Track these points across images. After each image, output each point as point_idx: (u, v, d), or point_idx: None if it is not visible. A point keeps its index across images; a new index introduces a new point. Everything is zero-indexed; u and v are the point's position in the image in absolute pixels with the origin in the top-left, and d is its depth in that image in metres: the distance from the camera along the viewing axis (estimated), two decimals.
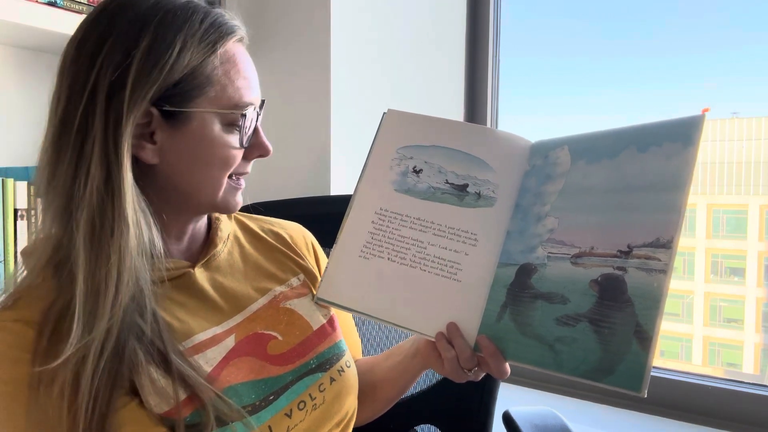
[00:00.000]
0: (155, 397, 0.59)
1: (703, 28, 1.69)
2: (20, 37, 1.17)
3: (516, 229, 0.71)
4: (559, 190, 0.69)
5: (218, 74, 0.66)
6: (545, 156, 0.73)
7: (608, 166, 0.66)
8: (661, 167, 0.61)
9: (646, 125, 0.66)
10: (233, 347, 0.68)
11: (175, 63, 0.62)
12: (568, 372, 0.61)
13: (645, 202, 0.61)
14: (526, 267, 0.68)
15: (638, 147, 0.64)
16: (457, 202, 0.75)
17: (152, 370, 0.60)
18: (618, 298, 0.60)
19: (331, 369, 0.74)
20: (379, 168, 0.78)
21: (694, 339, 2.17)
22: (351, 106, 1.43)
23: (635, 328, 0.57)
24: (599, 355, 0.59)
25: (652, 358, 0.56)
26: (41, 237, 0.64)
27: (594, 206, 0.66)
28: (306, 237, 0.87)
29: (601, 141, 0.69)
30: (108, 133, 0.60)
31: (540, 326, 0.64)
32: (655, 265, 0.58)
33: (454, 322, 0.70)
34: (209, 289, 0.71)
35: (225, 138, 0.67)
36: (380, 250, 0.74)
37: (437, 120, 0.80)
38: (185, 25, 0.63)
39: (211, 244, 0.75)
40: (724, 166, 1.93)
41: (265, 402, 0.67)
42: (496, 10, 1.71)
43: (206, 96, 0.65)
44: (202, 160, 0.67)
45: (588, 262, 0.63)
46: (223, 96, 0.66)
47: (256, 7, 1.49)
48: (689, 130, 0.61)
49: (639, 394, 0.56)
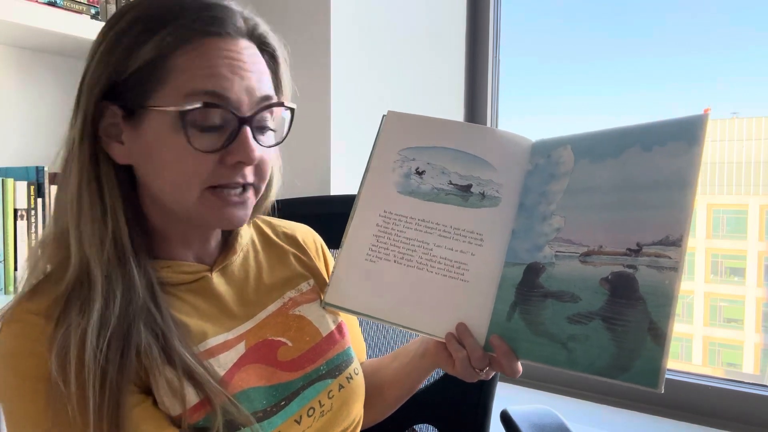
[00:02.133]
0: (169, 398, 0.59)
1: (704, 28, 1.69)
2: (20, 37, 1.17)
3: (521, 228, 0.71)
4: (563, 189, 0.69)
5: (179, 65, 0.60)
6: (548, 155, 0.73)
7: (613, 165, 0.66)
8: (667, 166, 0.62)
9: (648, 124, 0.66)
10: (244, 353, 0.67)
11: (130, 56, 0.60)
12: (583, 369, 0.61)
13: (652, 200, 0.62)
14: (534, 266, 0.68)
15: (642, 146, 0.65)
16: (462, 202, 0.75)
17: (168, 370, 0.59)
18: (630, 296, 0.60)
19: (340, 376, 0.74)
20: (382, 170, 0.78)
21: (694, 339, 2.17)
22: (351, 106, 1.43)
23: (649, 325, 0.58)
24: (614, 351, 0.60)
25: (668, 354, 0.57)
26: (53, 231, 0.64)
27: (601, 205, 0.66)
28: (316, 240, 0.87)
29: (603, 140, 0.69)
30: (82, 132, 0.62)
31: (552, 324, 0.64)
32: (666, 263, 0.59)
33: (464, 323, 0.70)
34: (224, 294, 0.71)
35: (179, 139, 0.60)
36: (386, 252, 0.74)
37: (438, 121, 0.79)
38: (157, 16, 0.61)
39: (231, 250, 0.74)
40: (724, 166, 1.93)
41: (276, 408, 0.66)
42: (496, 10, 1.71)
43: (163, 91, 0.60)
44: (160, 164, 0.62)
45: (597, 260, 0.64)
46: (183, 88, 0.59)
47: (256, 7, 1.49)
48: (693, 129, 0.61)
49: (656, 390, 0.56)
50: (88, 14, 1.19)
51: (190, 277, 0.69)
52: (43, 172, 1.14)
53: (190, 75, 0.60)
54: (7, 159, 1.24)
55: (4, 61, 1.24)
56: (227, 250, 0.74)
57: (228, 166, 0.62)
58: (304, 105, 1.44)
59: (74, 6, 1.15)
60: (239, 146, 0.62)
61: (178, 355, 0.60)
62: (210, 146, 0.61)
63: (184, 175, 0.61)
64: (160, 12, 0.61)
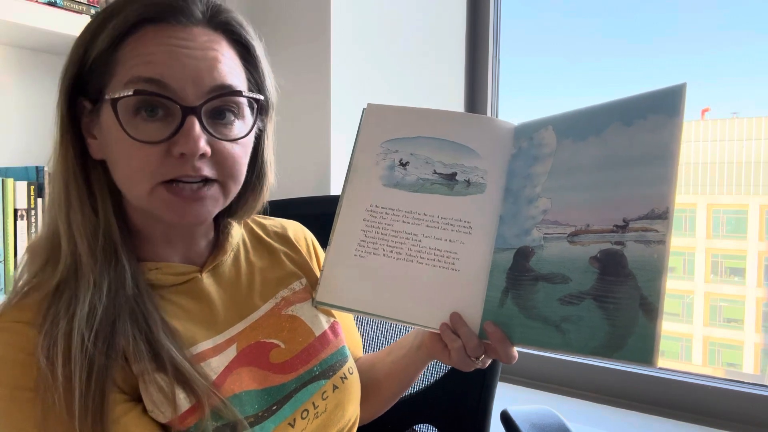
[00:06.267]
0: (159, 405, 0.58)
1: (704, 28, 1.69)
2: (20, 37, 1.17)
3: (508, 214, 0.71)
4: (548, 171, 0.69)
5: (125, 54, 0.59)
6: (530, 137, 0.72)
7: (595, 143, 0.66)
8: (649, 140, 0.61)
9: (627, 99, 0.66)
10: (235, 357, 0.66)
11: (89, 48, 0.60)
12: (578, 350, 0.61)
13: (636, 175, 0.61)
14: (523, 250, 0.68)
15: (623, 121, 0.64)
16: (448, 191, 0.74)
17: (157, 377, 0.58)
18: (619, 273, 0.60)
19: (334, 376, 0.73)
20: (365, 164, 0.77)
21: (694, 339, 2.17)
22: (351, 106, 1.43)
23: (640, 301, 0.58)
24: (607, 330, 0.59)
25: (660, 328, 0.56)
26: (44, 233, 0.64)
27: (585, 183, 0.66)
28: (307, 237, 0.86)
29: (584, 118, 0.68)
30: (61, 128, 0.62)
31: (544, 307, 0.64)
32: (653, 236, 0.58)
33: (457, 312, 0.70)
34: (215, 295, 0.69)
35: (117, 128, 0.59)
36: (375, 247, 0.73)
37: (418, 110, 0.78)
38: (119, 10, 0.60)
39: (221, 249, 0.72)
40: (724, 166, 1.93)
41: (268, 412, 0.65)
42: (496, 10, 1.71)
43: (113, 81, 0.60)
44: (115, 158, 0.61)
45: (585, 239, 0.63)
46: (124, 76, 0.59)
47: (256, 7, 1.49)
48: (672, 100, 0.61)
49: (650, 365, 0.56)
50: (88, 14, 1.19)
51: (180, 279, 0.67)
52: (43, 172, 1.14)
53: (131, 63, 0.58)
54: (7, 159, 1.24)
55: (4, 61, 1.24)
56: (217, 251, 0.72)
57: (174, 157, 0.59)
58: (304, 105, 1.44)
59: (74, 6, 1.15)
60: (182, 136, 0.58)
61: (169, 358, 0.59)
62: (152, 137, 0.58)
63: (131, 169, 0.60)
64: (117, 2, 0.61)
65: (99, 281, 0.60)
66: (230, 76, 0.62)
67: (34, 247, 0.64)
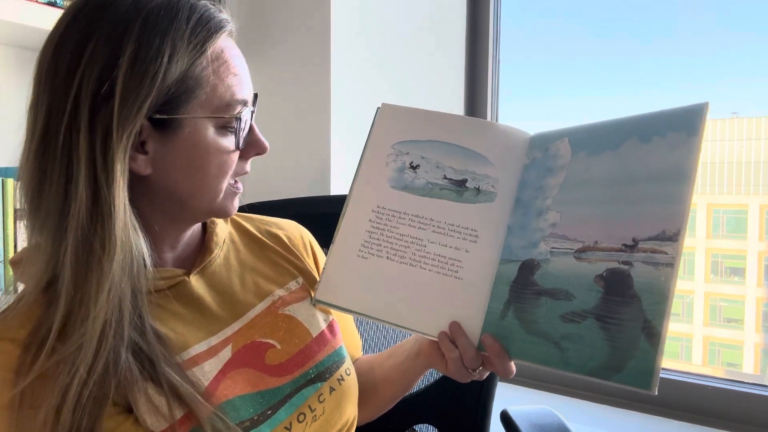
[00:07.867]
0: (151, 415, 0.57)
1: (704, 29, 1.69)
2: (20, 37, 1.17)
3: (517, 224, 0.70)
4: (560, 184, 0.68)
5: (208, 74, 0.61)
6: (545, 149, 0.71)
7: (610, 158, 0.64)
8: (665, 158, 0.60)
9: (647, 115, 0.64)
10: (230, 359, 0.66)
11: (167, 71, 0.58)
12: (576, 370, 0.60)
13: (649, 193, 0.60)
14: (528, 263, 0.67)
15: (640, 137, 0.63)
16: (456, 197, 0.73)
17: (149, 387, 0.57)
18: (624, 293, 0.58)
19: (331, 378, 0.72)
20: (375, 165, 0.76)
21: (694, 339, 2.17)
22: (351, 106, 1.43)
23: (643, 324, 0.56)
24: (607, 351, 0.58)
25: (662, 354, 0.55)
26: (30, 247, 0.62)
27: (597, 199, 0.64)
28: (304, 236, 0.85)
29: (602, 132, 0.67)
30: (95, 151, 0.57)
31: (545, 323, 0.63)
32: (662, 258, 0.57)
33: (457, 321, 0.68)
34: (206, 296, 0.69)
35: (219, 142, 0.63)
36: (379, 249, 0.73)
37: (433, 114, 0.78)
38: (171, 26, 0.59)
39: (207, 249, 0.72)
40: (724, 166, 1.93)
41: (263, 416, 0.65)
42: (496, 10, 1.71)
43: (197, 99, 0.61)
44: (197, 167, 0.63)
45: (592, 256, 0.62)
46: (213, 97, 0.62)
47: (256, 6, 1.49)
48: (692, 119, 0.59)
49: (649, 392, 0.54)
50: None
51: (167, 283, 0.66)
52: None
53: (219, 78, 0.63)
54: (7, 159, 1.24)
55: (4, 61, 1.24)
56: (203, 251, 0.72)
57: (246, 159, 0.68)
58: (304, 105, 1.44)
59: None
60: (256, 140, 0.68)
61: (161, 369, 0.58)
62: (242, 144, 0.66)
63: (223, 173, 0.65)
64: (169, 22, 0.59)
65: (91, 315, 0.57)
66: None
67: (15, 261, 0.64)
